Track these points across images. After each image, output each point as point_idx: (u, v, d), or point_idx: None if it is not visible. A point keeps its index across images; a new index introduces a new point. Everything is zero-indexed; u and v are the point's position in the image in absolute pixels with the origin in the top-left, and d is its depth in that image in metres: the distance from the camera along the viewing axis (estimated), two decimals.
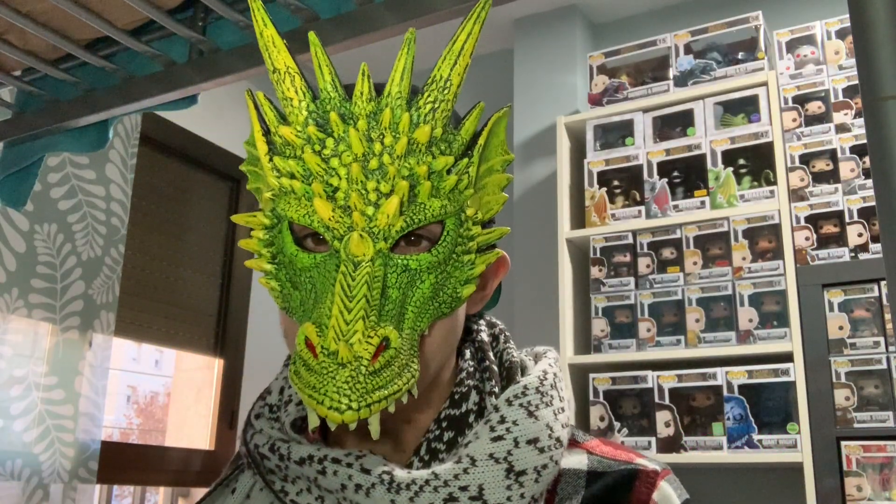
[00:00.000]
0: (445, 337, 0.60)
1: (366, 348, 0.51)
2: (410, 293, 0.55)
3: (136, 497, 3.31)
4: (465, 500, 0.55)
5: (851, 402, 1.92)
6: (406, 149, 0.55)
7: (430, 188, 0.56)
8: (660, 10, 2.76)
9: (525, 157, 2.73)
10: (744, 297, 2.12)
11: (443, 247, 0.57)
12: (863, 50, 0.45)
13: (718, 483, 2.26)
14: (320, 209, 0.55)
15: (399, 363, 0.52)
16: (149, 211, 2.55)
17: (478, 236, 0.59)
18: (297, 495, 0.60)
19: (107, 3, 0.82)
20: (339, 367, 0.50)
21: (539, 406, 0.60)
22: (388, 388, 0.50)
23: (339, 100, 0.57)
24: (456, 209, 0.57)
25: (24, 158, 1.08)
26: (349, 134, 0.55)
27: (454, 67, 0.58)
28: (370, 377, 0.50)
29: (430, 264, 0.56)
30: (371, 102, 0.57)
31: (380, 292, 0.53)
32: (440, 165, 0.56)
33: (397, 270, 0.55)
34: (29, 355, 1.94)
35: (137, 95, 0.92)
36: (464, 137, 0.59)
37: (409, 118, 0.56)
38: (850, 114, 2.14)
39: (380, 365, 0.51)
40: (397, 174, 0.55)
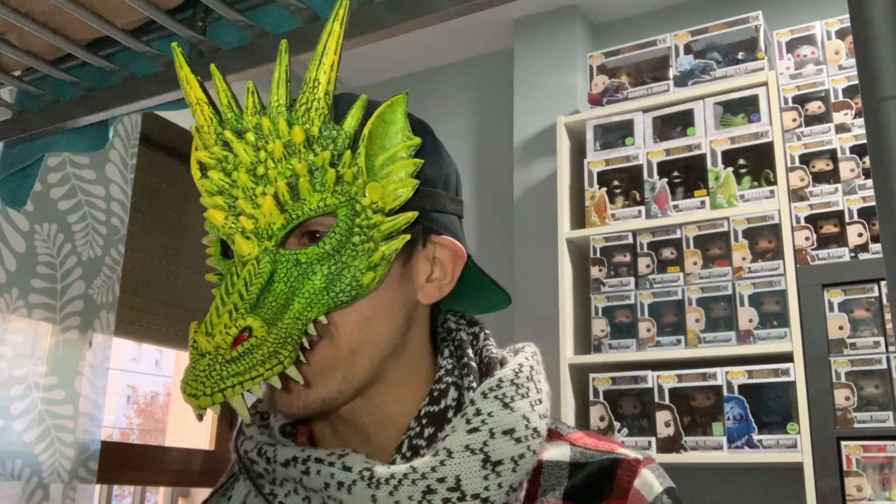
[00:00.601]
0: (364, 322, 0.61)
1: (224, 339, 0.54)
2: (299, 285, 0.58)
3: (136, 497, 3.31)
4: (443, 491, 0.57)
5: (851, 402, 1.92)
6: (283, 151, 0.59)
7: (310, 184, 0.59)
8: (660, 10, 2.76)
9: (525, 157, 2.73)
10: (744, 297, 2.12)
11: (331, 238, 0.59)
12: (863, 50, 0.45)
13: (718, 483, 2.26)
14: (214, 218, 0.60)
15: (263, 351, 0.55)
16: (149, 211, 2.55)
17: (381, 224, 0.60)
18: (285, 497, 0.62)
19: (107, 3, 0.82)
20: (200, 357, 0.54)
21: (514, 398, 0.61)
22: (245, 375, 0.54)
23: (234, 119, 0.61)
24: (343, 200, 0.59)
25: (24, 158, 1.08)
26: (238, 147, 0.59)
27: (320, 67, 0.60)
28: (226, 364, 0.54)
29: (318, 256, 0.59)
30: (256, 116, 0.60)
31: (260, 287, 0.57)
32: (320, 161, 0.59)
33: (287, 265, 0.58)
34: (29, 355, 1.94)
35: (137, 95, 0.92)
36: (348, 131, 0.61)
37: (285, 123, 0.59)
38: (850, 114, 2.14)
39: (237, 353, 0.54)
40: (278, 176, 0.58)
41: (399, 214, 0.61)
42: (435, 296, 0.67)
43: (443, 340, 0.69)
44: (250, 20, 0.84)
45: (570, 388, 2.28)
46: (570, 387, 2.27)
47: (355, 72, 3.20)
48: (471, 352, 0.68)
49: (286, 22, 0.84)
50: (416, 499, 0.56)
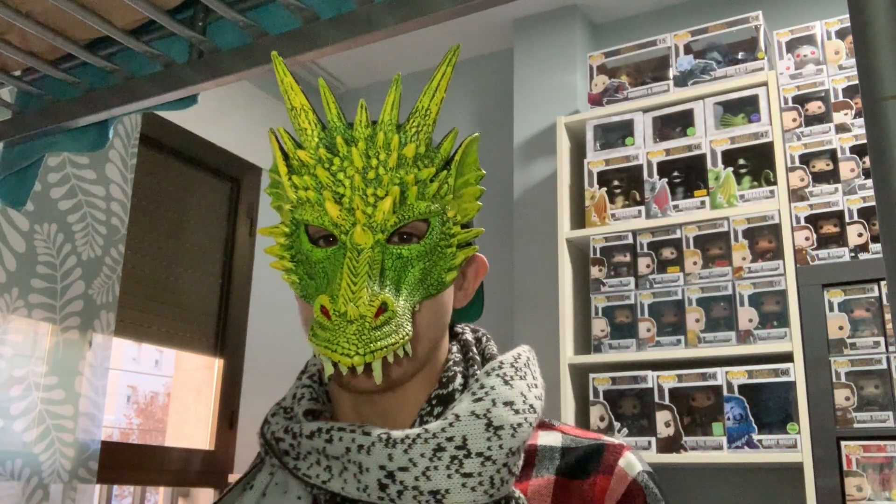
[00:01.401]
0: (434, 314, 0.71)
1: (369, 309, 0.63)
2: (404, 275, 0.69)
3: (136, 497, 3.32)
4: (451, 449, 0.64)
5: (851, 402, 1.92)
6: (396, 162, 0.69)
7: (417, 192, 0.70)
8: (660, 10, 2.76)
9: (525, 157, 2.73)
10: (744, 297, 2.12)
11: (429, 239, 0.70)
12: (863, 50, 0.45)
13: (718, 483, 2.26)
14: (330, 210, 0.68)
15: (395, 323, 0.65)
16: (149, 211, 2.55)
17: (458, 234, 0.73)
18: (308, 469, 0.68)
19: (107, 3, 0.82)
20: (348, 324, 0.63)
21: (514, 377, 0.71)
22: (387, 340, 0.63)
23: (342, 128, 0.71)
24: (438, 210, 0.71)
25: (24, 158, 1.08)
26: (351, 152, 0.69)
27: (432, 100, 0.72)
28: (373, 331, 0.63)
29: (419, 253, 0.70)
30: (368, 128, 0.70)
31: (379, 272, 0.67)
32: (425, 175, 0.70)
33: (392, 257, 0.69)
34: (29, 355, 1.94)
35: (137, 95, 0.92)
36: (442, 155, 0.72)
37: (398, 139, 0.70)
38: (850, 114, 2.14)
39: (380, 322, 0.64)
40: (390, 182, 0.69)
41: (470, 229, 0.74)
42: (462, 302, 0.78)
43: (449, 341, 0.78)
44: (250, 20, 0.84)
45: (570, 388, 2.28)
46: (570, 387, 2.28)
47: (355, 72, 3.20)
48: (475, 349, 0.77)
49: (286, 22, 0.84)
50: (428, 455, 0.64)
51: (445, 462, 0.64)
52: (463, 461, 0.64)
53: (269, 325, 2.86)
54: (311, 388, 0.76)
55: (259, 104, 2.92)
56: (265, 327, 2.85)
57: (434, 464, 0.64)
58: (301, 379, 0.78)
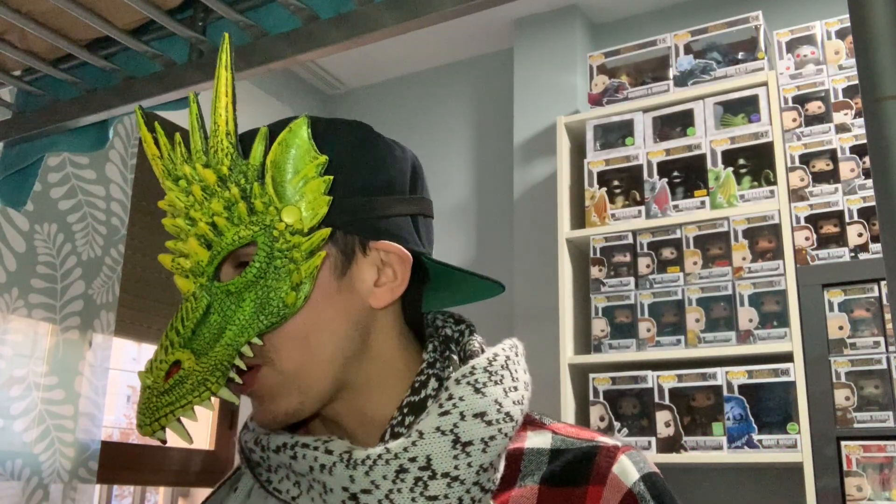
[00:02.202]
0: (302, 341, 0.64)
1: (158, 374, 0.61)
2: (231, 314, 0.63)
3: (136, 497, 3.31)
4: (414, 470, 0.60)
5: (851, 402, 1.92)
6: (202, 194, 0.63)
7: (225, 220, 0.63)
8: (660, 10, 2.76)
9: (525, 157, 2.73)
10: (744, 297, 2.12)
11: (253, 266, 0.63)
12: (863, 50, 0.45)
13: (718, 483, 2.26)
14: (163, 261, 0.66)
15: (192, 381, 0.61)
16: (149, 211, 2.55)
17: (301, 244, 0.64)
18: (278, 483, 0.66)
19: (107, 3, 0.82)
20: (143, 391, 0.62)
21: (487, 384, 0.64)
22: (177, 404, 0.60)
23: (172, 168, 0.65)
24: (258, 230, 0.63)
25: (24, 158, 1.08)
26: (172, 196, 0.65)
27: (216, 112, 0.64)
28: (160, 396, 0.61)
29: (245, 284, 0.63)
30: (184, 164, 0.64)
31: (196, 321, 0.63)
32: (233, 198, 0.63)
33: (220, 297, 0.63)
34: (29, 355, 1.94)
35: (137, 95, 0.92)
36: (254, 164, 0.64)
37: (202, 167, 0.63)
38: (850, 114, 2.14)
39: (169, 385, 0.61)
40: (202, 217, 0.63)
41: (315, 233, 0.64)
42: (387, 299, 0.68)
43: (429, 337, 0.72)
44: (250, 20, 0.84)
45: (570, 388, 2.28)
46: (570, 387, 2.27)
47: (355, 72, 3.20)
48: (454, 346, 0.71)
49: (286, 22, 0.84)
50: (391, 478, 0.60)
51: (409, 484, 0.60)
52: (428, 483, 0.60)
53: None
54: None
55: (259, 104, 2.92)
56: None
57: (397, 486, 0.60)
58: None
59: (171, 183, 0.65)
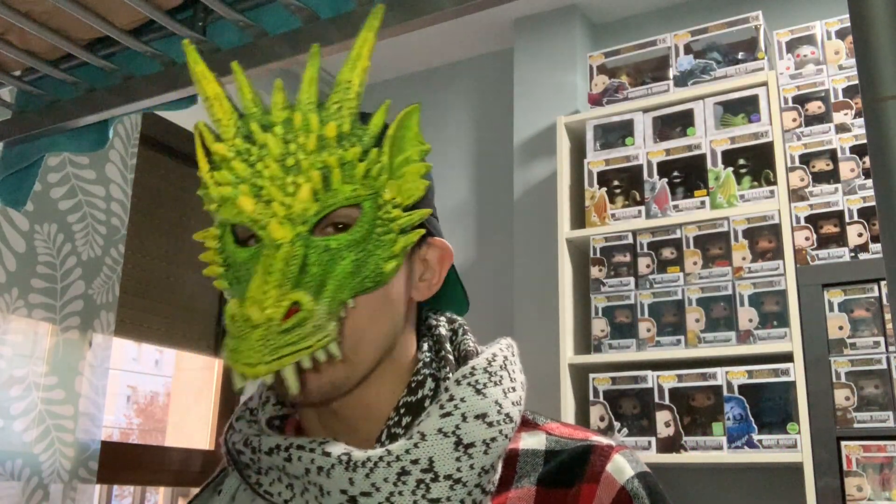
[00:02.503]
0: (375, 311, 0.64)
1: (276, 310, 0.57)
2: (331, 269, 0.61)
3: (136, 497, 3.31)
4: (416, 472, 0.59)
5: (851, 402, 1.92)
6: (317, 144, 0.62)
7: (342, 176, 0.62)
8: (660, 10, 2.76)
9: (525, 157, 2.73)
10: (744, 297, 2.12)
11: (360, 227, 0.63)
12: (863, 50, 0.45)
13: (718, 483, 2.26)
14: (244, 205, 0.62)
15: (312, 324, 0.58)
16: (149, 211, 2.55)
17: (399, 218, 0.65)
18: (269, 486, 0.64)
19: (107, 3, 0.82)
20: (253, 329, 0.56)
21: (487, 385, 0.64)
22: (298, 345, 0.56)
23: (259, 113, 0.65)
24: (370, 193, 0.63)
25: (24, 158, 1.08)
26: (267, 139, 0.62)
27: (354, 70, 0.64)
28: (280, 335, 0.56)
29: (348, 243, 0.62)
30: (285, 111, 0.64)
31: (297, 269, 0.60)
32: (350, 156, 0.63)
33: (318, 250, 0.61)
34: (29, 355, 1.94)
35: (137, 95, 0.92)
36: (373, 131, 0.65)
37: (317, 119, 0.63)
38: (850, 114, 2.14)
39: (291, 324, 0.57)
40: (311, 167, 0.62)
41: (414, 211, 0.66)
42: (425, 294, 0.70)
43: (422, 336, 0.72)
44: (250, 20, 0.84)
45: (570, 388, 2.28)
46: (570, 387, 2.28)
47: None
48: (449, 346, 0.71)
49: (286, 22, 0.84)
50: (392, 480, 0.59)
51: (411, 487, 0.59)
52: (430, 485, 0.59)
53: None
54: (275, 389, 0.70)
55: None
56: None
57: (399, 489, 0.59)
58: None
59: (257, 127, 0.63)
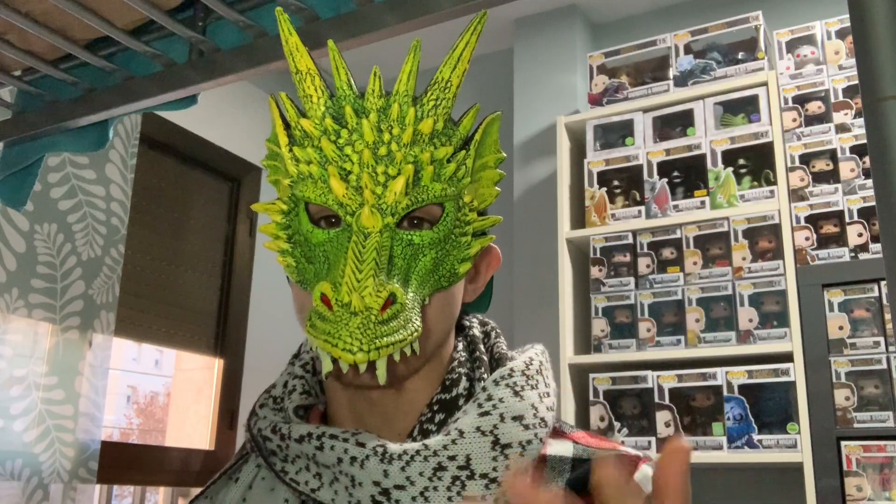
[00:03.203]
0: (443, 309, 0.65)
1: (375, 300, 0.57)
2: (414, 264, 0.62)
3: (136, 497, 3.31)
4: (453, 469, 0.59)
5: (851, 402, 1.92)
6: (411, 138, 0.62)
7: (433, 173, 0.62)
8: (660, 10, 2.76)
9: (525, 157, 2.73)
10: (744, 297, 2.12)
11: (443, 225, 0.63)
12: (863, 50, 0.45)
13: (718, 483, 2.26)
14: (335, 188, 0.61)
15: (404, 317, 0.58)
16: (149, 211, 2.55)
17: (474, 221, 0.66)
18: (296, 474, 0.63)
19: (107, 3, 0.82)
20: (352, 316, 0.56)
21: (524, 387, 0.64)
22: (394, 336, 0.57)
23: (353, 97, 0.64)
24: (454, 194, 0.64)
25: (24, 158, 1.08)
26: (362, 124, 0.62)
27: (454, 71, 0.64)
28: (379, 325, 0.56)
29: (431, 240, 0.62)
30: (381, 99, 0.63)
31: (387, 260, 0.60)
32: (441, 154, 0.63)
33: (402, 244, 0.61)
34: (29, 355, 1.94)
35: (137, 95, 0.92)
36: (461, 133, 0.65)
37: (414, 112, 0.62)
38: (850, 114, 2.14)
39: (387, 316, 0.57)
40: (403, 160, 0.61)
41: (487, 217, 0.67)
42: (471, 297, 0.71)
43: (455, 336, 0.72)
44: (250, 20, 0.84)
45: (570, 388, 2.28)
46: (570, 387, 2.28)
47: (355, 72, 3.19)
48: (482, 347, 0.71)
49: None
50: (427, 475, 0.58)
51: (446, 483, 0.58)
52: (465, 482, 0.58)
53: (269, 325, 2.86)
54: (303, 378, 0.70)
55: (259, 104, 2.92)
56: (265, 327, 2.85)
57: (434, 484, 0.58)
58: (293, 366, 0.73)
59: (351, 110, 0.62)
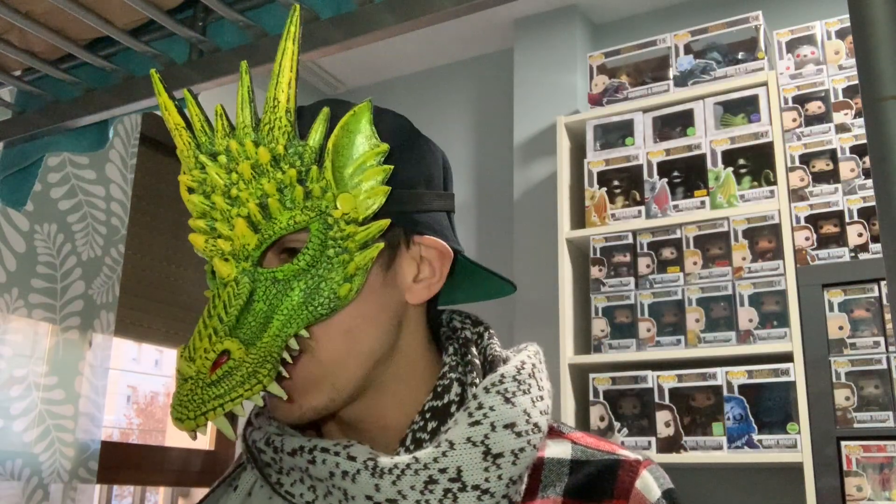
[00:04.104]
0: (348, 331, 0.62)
1: (203, 363, 0.56)
2: (278, 302, 0.59)
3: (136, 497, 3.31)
4: (444, 481, 0.58)
5: (851, 402, 1.92)
6: (252, 172, 0.59)
7: (278, 203, 0.59)
8: (660, 10, 2.76)
9: (525, 157, 2.73)
10: (744, 297, 2.12)
11: (305, 254, 0.60)
12: (863, 50, 0.45)
13: (718, 483, 2.26)
14: (194, 242, 0.61)
15: (242, 372, 0.56)
16: (149, 211, 2.55)
17: (356, 234, 0.61)
18: (291, 486, 0.63)
19: (107, 3, 0.82)
20: (184, 382, 0.57)
21: (516, 393, 0.62)
22: (226, 397, 0.56)
23: (208, 142, 0.61)
24: (313, 216, 0.60)
25: (24, 158, 1.08)
26: (209, 171, 0.60)
27: (277, 86, 0.61)
28: (207, 388, 0.56)
29: (295, 272, 0.60)
30: (225, 138, 0.61)
31: (239, 308, 0.58)
32: (288, 179, 0.60)
33: (265, 283, 0.59)
34: (29, 355, 1.94)
35: (137, 95, 0.92)
36: (313, 146, 0.61)
37: (251, 144, 0.60)
38: (850, 114, 2.14)
39: (217, 377, 0.56)
40: (250, 197, 0.59)
41: (372, 223, 0.61)
42: (424, 295, 0.67)
43: (447, 339, 0.71)
44: (250, 20, 0.84)
45: (570, 388, 2.28)
46: (570, 387, 2.27)
47: (355, 72, 3.20)
48: (475, 350, 0.69)
49: (286, 22, 0.84)
50: (419, 488, 0.58)
51: (438, 496, 0.58)
52: (457, 495, 0.58)
53: None
54: None
55: (259, 104, 2.92)
56: None
57: (425, 497, 0.58)
58: None
59: (206, 157, 0.60)
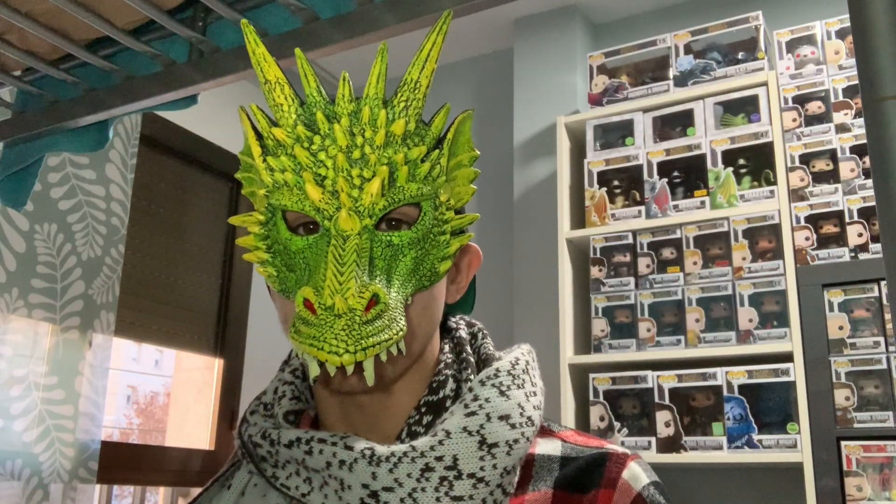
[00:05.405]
0: (426, 309, 0.66)
1: (359, 301, 0.57)
2: (394, 265, 0.62)
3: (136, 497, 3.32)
4: (440, 469, 0.59)
5: (851, 402, 1.92)
6: (384, 140, 0.63)
7: (407, 173, 0.63)
8: (660, 10, 2.76)
9: (525, 157, 2.73)
10: (744, 297, 2.12)
11: (421, 225, 0.64)
12: (863, 50, 0.45)
13: (718, 483, 2.26)
14: (311, 193, 0.62)
15: (388, 317, 0.58)
16: (149, 211, 2.55)
17: (451, 220, 0.66)
18: (287, 479, 0.64)
19: (107, 3, 0.82)
20: (336, 318, 0.57)
21: (511, 387, 0.65)
22: (380, 336, 0.57)
23: (323, 103, 0.64)
24: (430, 193, 0.64)
25: (24, 158, 1.08)
26: (334, 129, 0.63)
27: (422, 71, 0.65)
28: (363, 326, 0.57)
29: (410, 240, 0.63)
30: (352, 103, 0.64)
31: (367, 261, 0.60)
32: (415, 154, 0.64)
33: (381, 245, 0.62)
34: (29, 355, 1.94)
35: (137, 95, 0.92)
36: (434, 133, 0.66)
37: (385, 114, 0.63)
38: (850, 114, 2.14)
39: (372, 316, 0.58)
40: (378, 161, 0.62)
41: (465, 215, 0.68)
42: (455, 297, 0.71)
43: (442, 338, 0.73)
44: (250, 20, 0.84)
45: (570, 388, 2.28)
46: (570, 387, 2.28)
47: (355, 72, 3.19)
48: (469, 348, 0.72)
49: (286, 22, 0.84)
50: (415, 476, 0.59)
51: (434, 483, 0.59)
52: (453, 483, 0.59)
53: (269, 325, 2.85)
54: (293, 384, 0.71)
55: (259, 104, 2.92)
56: (265, 327, 2.85)
57: (421, 485, 0.59)
58: (283, 372, 0.74)
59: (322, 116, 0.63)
